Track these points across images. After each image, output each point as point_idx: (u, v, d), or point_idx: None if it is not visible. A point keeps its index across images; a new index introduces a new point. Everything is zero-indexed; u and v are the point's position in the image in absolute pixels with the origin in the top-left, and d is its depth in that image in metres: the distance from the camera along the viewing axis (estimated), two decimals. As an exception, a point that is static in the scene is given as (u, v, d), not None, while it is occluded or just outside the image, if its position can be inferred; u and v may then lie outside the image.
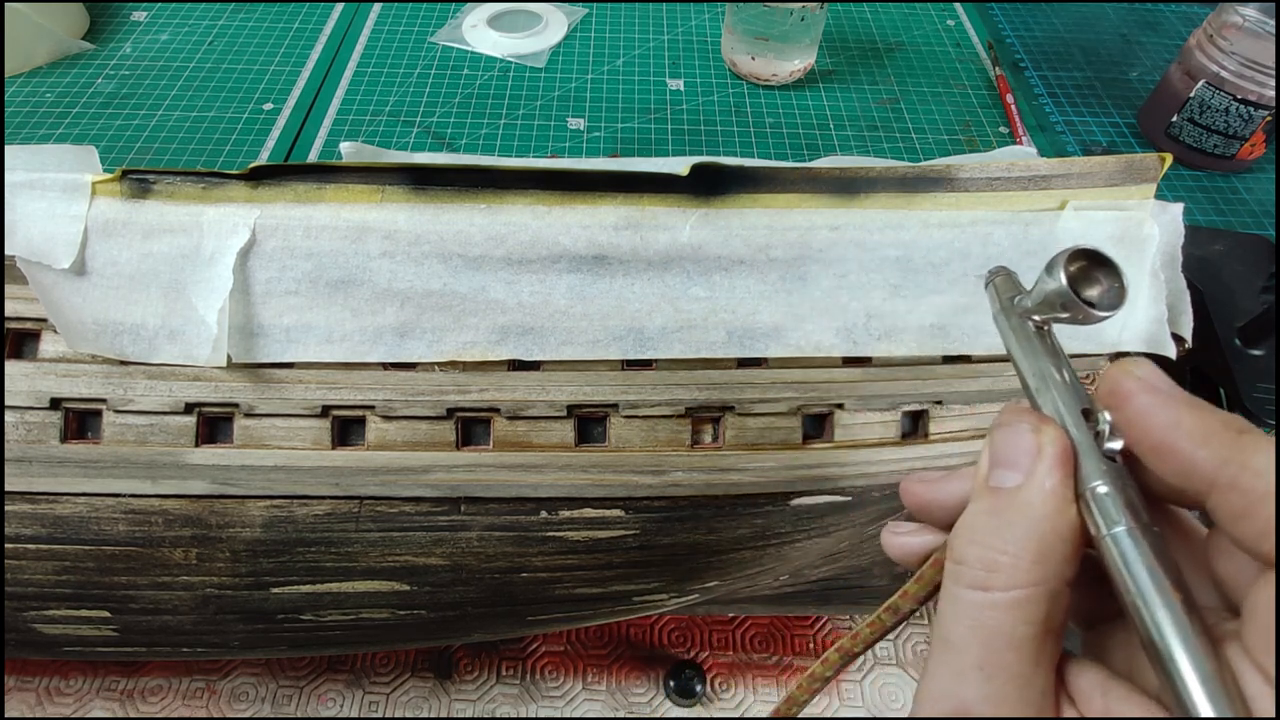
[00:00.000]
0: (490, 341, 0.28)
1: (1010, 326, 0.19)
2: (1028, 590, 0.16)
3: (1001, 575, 0.16)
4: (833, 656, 0.22)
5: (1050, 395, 0.17)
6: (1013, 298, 0.20)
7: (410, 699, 0.38)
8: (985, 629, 0.16)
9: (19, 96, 0.62)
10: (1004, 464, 0.17)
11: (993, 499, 0.17)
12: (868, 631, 0.21)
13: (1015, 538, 0.16)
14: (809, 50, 0.65)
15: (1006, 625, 0.16)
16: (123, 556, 0.29)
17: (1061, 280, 0.17)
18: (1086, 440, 0.16)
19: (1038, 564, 0.16)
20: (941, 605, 0.17)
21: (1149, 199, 0.29)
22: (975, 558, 0.16)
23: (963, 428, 0.31)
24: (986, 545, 0.16)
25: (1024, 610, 0.16)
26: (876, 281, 0.29)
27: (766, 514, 0.31)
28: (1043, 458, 0.16)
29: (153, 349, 0.27)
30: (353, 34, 0.71)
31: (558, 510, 0.30)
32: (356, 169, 0.27)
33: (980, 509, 0.17)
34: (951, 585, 0.17)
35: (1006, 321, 0.19)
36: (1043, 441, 0.16)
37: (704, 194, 0.28)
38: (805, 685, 0.23)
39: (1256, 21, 0.54)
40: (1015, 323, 0.19)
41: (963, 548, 0.17)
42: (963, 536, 0.17)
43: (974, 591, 0.16)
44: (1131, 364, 0.16)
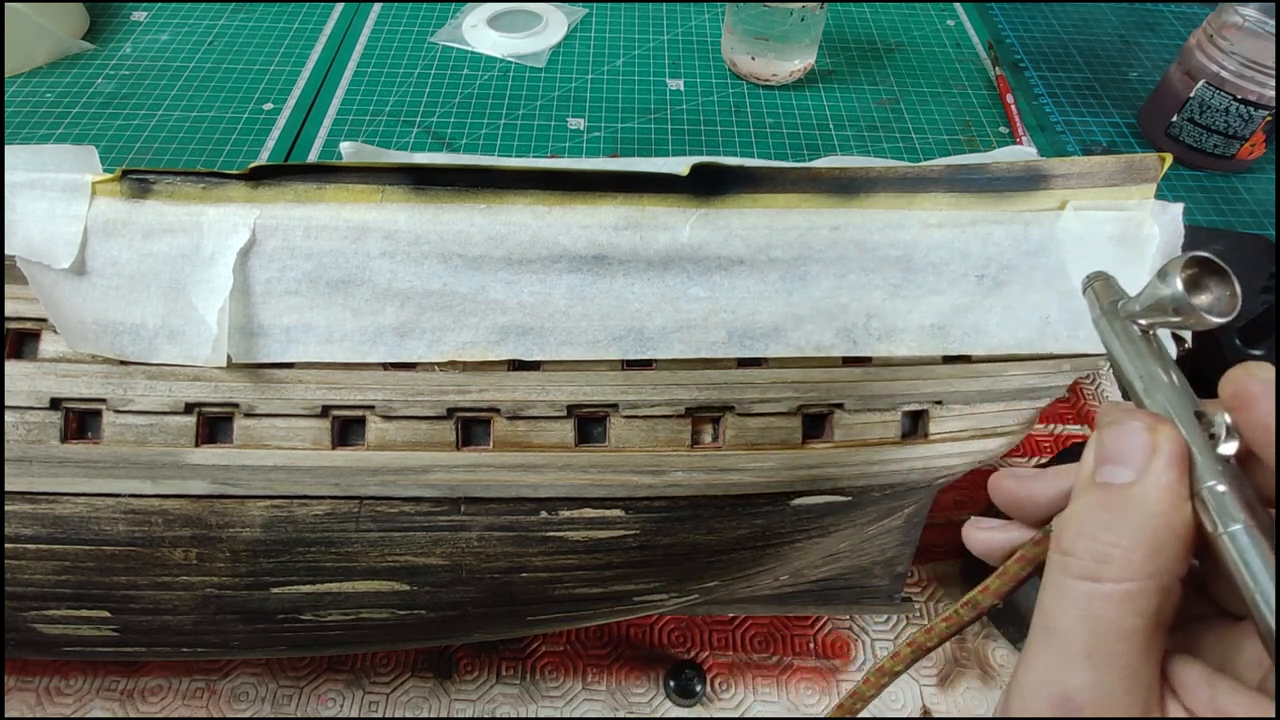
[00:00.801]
0: (490, 341, 0.28)
1: (1113, 330, 0.20)
2: (1140, 583, 0.16)
3: (1114, 567, 0.16)
4: (904, 651, 0.22)
5: (1160, 397, 0.18)
6: (1115, 301, 0.20)
7: (410, 699, 0.38)
8: (1095, 619, 0.16)
9: (19, 96, 0.62)
10: (1115, 460, 0.17)
11: (1103, 494, 0.17)
12: (943, 626, 0.21)
13: (1128, 532, 0.16)
14: (809, 50, 0.65)
15: (1117, 616, 0.16)
16: (123, 556, 0.29)
17: (1177, 287, 0.17)
18: (1201, 441, 0.17)
19: (1151, 558, 0.16)
20: (1045, 596, 0.17)
21: (1149, 199, 0.29)
22: (1085, 550, 0.17)
23: (963, 428, 0.31)
24: (1097, 538, 0.16)
25: (1136, 602, 0.16)
26: (876, 281, 0.29)
27: (766, 514, 0.31)
28: (1158, 455, 0.16)
29: (153, 349, 0.27)
30: (353, 34, 0.71)
31: (558, 510, 0.30)
32: (356, 169, 0.27)
33: (1090, 503, 0.17)
34: (1058, 576, 0.17)
35: (1109, 325, 0.20)
36: (1158, 440, 0.17)
37: (704, 194, 0.28)
38: (874, 680, 0.23)
39: (1256, 21, 0.54)
40: (1119, 326, 0.19)
41: (1072, 540, 0.17)
42: (1071, 529, 0.17)
43: (1084, 582, 0.16)
44: (1255, 368, 0.16)
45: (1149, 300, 0.18)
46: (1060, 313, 0.30)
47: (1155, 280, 0.18)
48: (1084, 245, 0.29)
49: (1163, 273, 0.18)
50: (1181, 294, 0.17)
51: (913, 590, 0.42)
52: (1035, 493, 0.20)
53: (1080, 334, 0.30)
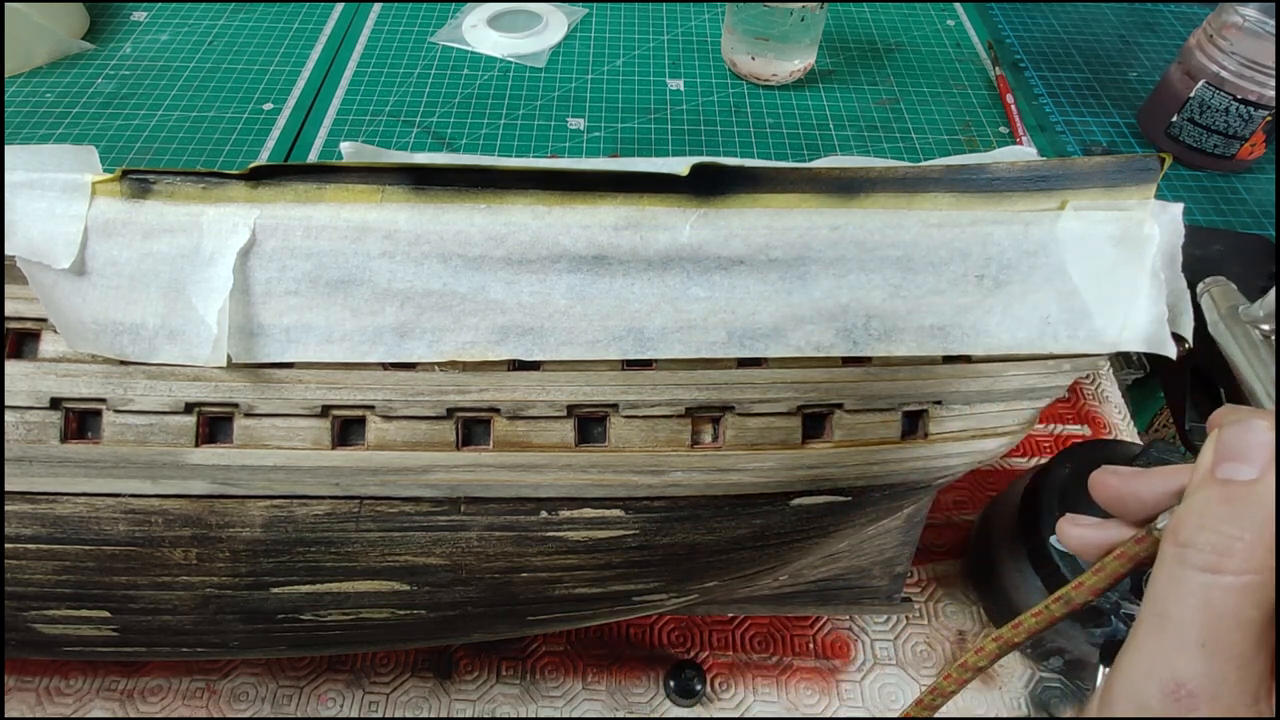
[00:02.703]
0: (490, 341, 0.28)
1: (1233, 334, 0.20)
2: (1260, 576, 0.16)
3: (1235, 559, 0.16)
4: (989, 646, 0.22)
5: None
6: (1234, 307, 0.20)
7: (410, 699, 0.38)
8: (1213, 608, 0.16)
9: (19, 96, 0.62)
10: (1236, 458, 0.17)
11: (1224, 489, 0.17)
12: (1032, 621, 0.22)
13: (1251, 526, 0.17)
14: (809, 50, 0.65)
15: (1235, 607, 0.16)
16: (123, 556, 0.29)
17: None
18: None
19: (1272, 553, 0.16)
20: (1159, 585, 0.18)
21: (1149, 199, 0.29)
22: (1207, 542, 0.17)
23: (963, 428, 0.31)
24: (1220, 531, 0.17)
25: (1254, 594, 0.16)
26: (876, 282, 0.29)
27: (766, 514, 0.31)
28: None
29: (153, 349, 0.27)
30: (353, 34, 0.71)
31: (558, 510, 0.30)
32: (356, 169, 0.27)
33: (1210, 497, 0.18)
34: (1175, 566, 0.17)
35: (1229, 330, 0.20)
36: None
37: (704, 194, 0.28)
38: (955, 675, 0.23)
39: (1256, 21, 0.54)
40: (1240, 331, 0.20)
41: (1191, 532, 0.17)
42: (1191, 522, 0.18)
43: (1203, 574, 0.17)
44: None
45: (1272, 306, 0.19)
46: (1060, 313, 0.30)
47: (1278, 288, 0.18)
48: (1084, 245, 0.29)
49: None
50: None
51: (912, 590, 0.42)
52: (1140, 490, 0.20)
53: (1080, 334, 0.30)
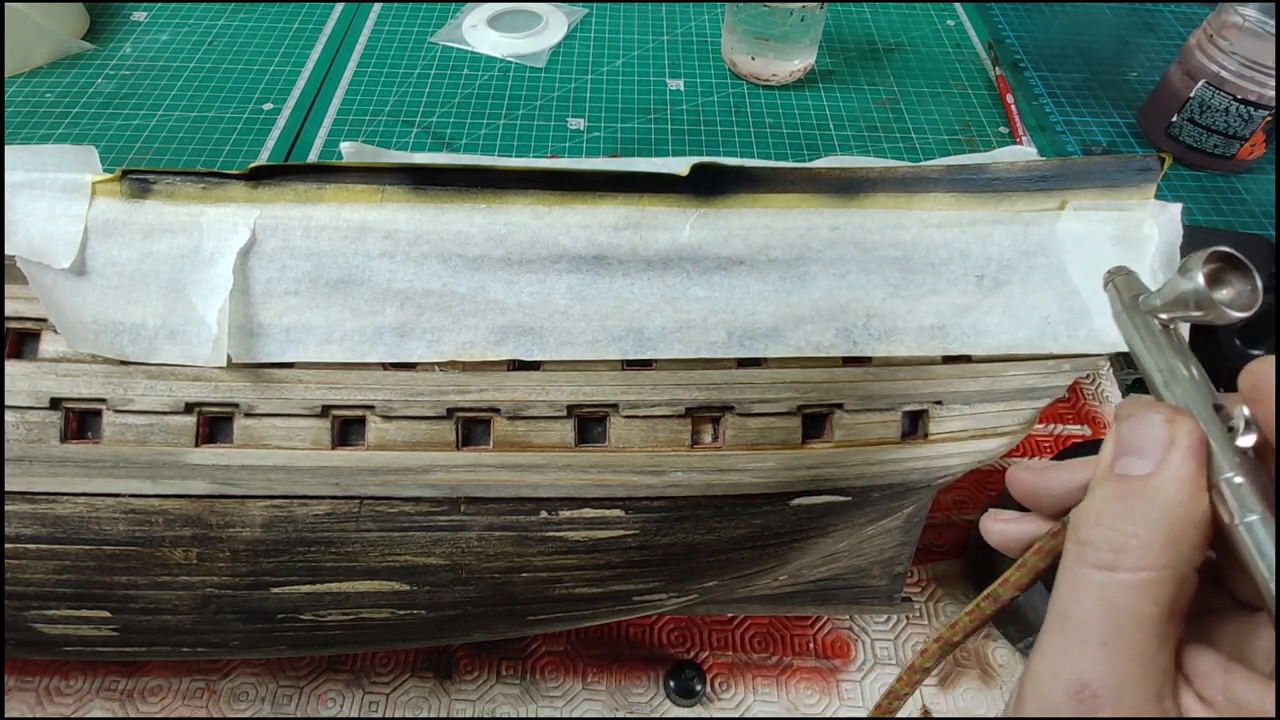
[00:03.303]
0: (490, 341, 0.28)
1: (1134, 324, 0.20)
2: (1157, 572, 0.16)
3: (1131, 557, 0.16)
4: (932, 648, 0.23)
5: (1179, 390, 0.18)
6: (1136, 296, 0.20)
7: (410, 699, 0.38)
8: (1111, 607, 0.16)
9: (19, 96, 0.62)
10: (1133, 452, 0.17)
11: (1121, 485, 0.17)
12: (967, 620, 0.22)
13: (1146, 522, 0.16)
14: (809, 50, 0.65)
15: (1134, 604, 0.16)
16: (123, 556, 0.29)
17: (1199, 281, 0.17)
18: (1219, 433, 0.17)
19: (1168, 547, 0.16)
20: (1061, 585, 0.17)
21: (1149, 199, 0.29)
22: (1103, 539, 0.17)
23: (963, 428, 0.31)
24: (1115, 528, 0.17)
25: (1152, 591, 0.16)
26: (876, 281, 0.29)
27: (766, 514, 0.31)
28: (1177, 447, 0.17)
29: (153, 349, 0.27)
30: (353, 34, 0.71)
31: (558, 510, 0.30)
32: (356, 169, 0.27)
33: (1107, 494, 0.17)
34: (1075, 565, 0.17)
35: (1130, 320, 0.20)
36: (1177, 432, 0.17)
37: (704, 194, 0.28)
38: (906, 678, 0.23)
39: (1256, 21, 0.54)
40: (1140, 321, 0.20)
41: (1089, 530, 0.17)
42: (1088, 519, 0.17)
43: (1101, 571, 0.17)
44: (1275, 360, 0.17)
45: (1170, 294, 0.19)
46: (1060, 313, 0.30)
47: (1177, 275, 0.18)
48: (1084, 245, 0.29)
49: (1184, 267, 0.18)
50: (1204, 288, 0.17)
51: (912, 590, 0.42)
52: (1052, 485, 0.20)
53: (1080, 334, 0.30)
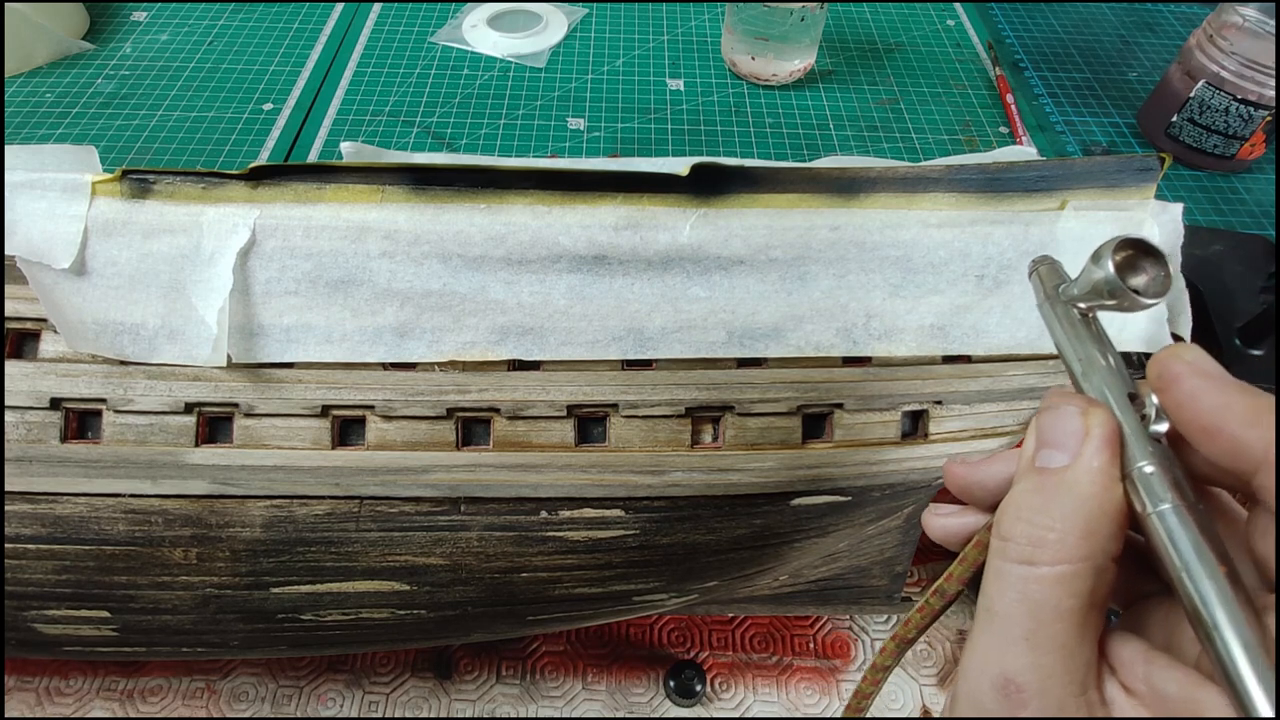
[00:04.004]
0: (490, 341, 0.28)
1: (1055, 314, 0.20)
2: (1075, 565, 0.16)
3: (1048, 550, 0.16)
4: (889, 645, 0.23)
5: (1096, 379, 0.18)
6: (1058, 286, 0.20)
7: (410, 699, 0.38)
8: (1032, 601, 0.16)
9: (19, 96, 0.62)
10: (1051, 445, 0.17)
11: (1039, 478, 0.17)
12: (918, 617, 0.22)
13: (1062, 515, 0.16)
14: (809, 50, 0.65)
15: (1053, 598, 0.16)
16: (123, 556, 0.29)
17: (1109, 269, 0.17)
18: (1133, 423, 0.17)
19: (1084, 540, 0.16)
20: (986, 580, 0.18)
21: (1149, 199, 0.29)
22: (1022, 534, 0.17)
23: (962, 428, 0.31)
24: (1033, 522, 0.17)
25: (1070, 584, 0.16)
26: (876, 281, 0.29)
27: (766, 514, 0.31)
28: (1090, 439, 0.17)
29: (153, 349, 0.27)
30: (353, 34, 0.71)
31: (558, 510, 0.30)
32: (356, 169, 0.27)
33: (1027, 488, 0.17)
34: (998, 560, 0.17)
35: (1051, 309, 0.20)
36: (1090, 424, 0.17)
37: (704, 194, 0.28)
38: (870, 677, 0.24)
39: (1256, 21, 0.54)
40: (1061, 310, 0.20)
41: (1010, 524, 0.17)
42: (1009, 514, 0.17)
43: (1021, 566, 0.17)
44: (1181, 349, 0.17)
45: (1085, 284, 0.19)
46: (1060, 313, 0.29)
47: (1090, 263, 0.18)
48: (1084, 245, 0.29)
49: (1096, 255, 0.18)
50: (1114, 276, 0.17)
51: (912, 590, 0.42)
52: (984, 478, 0.20)
53: (1080, 334, 0.30)
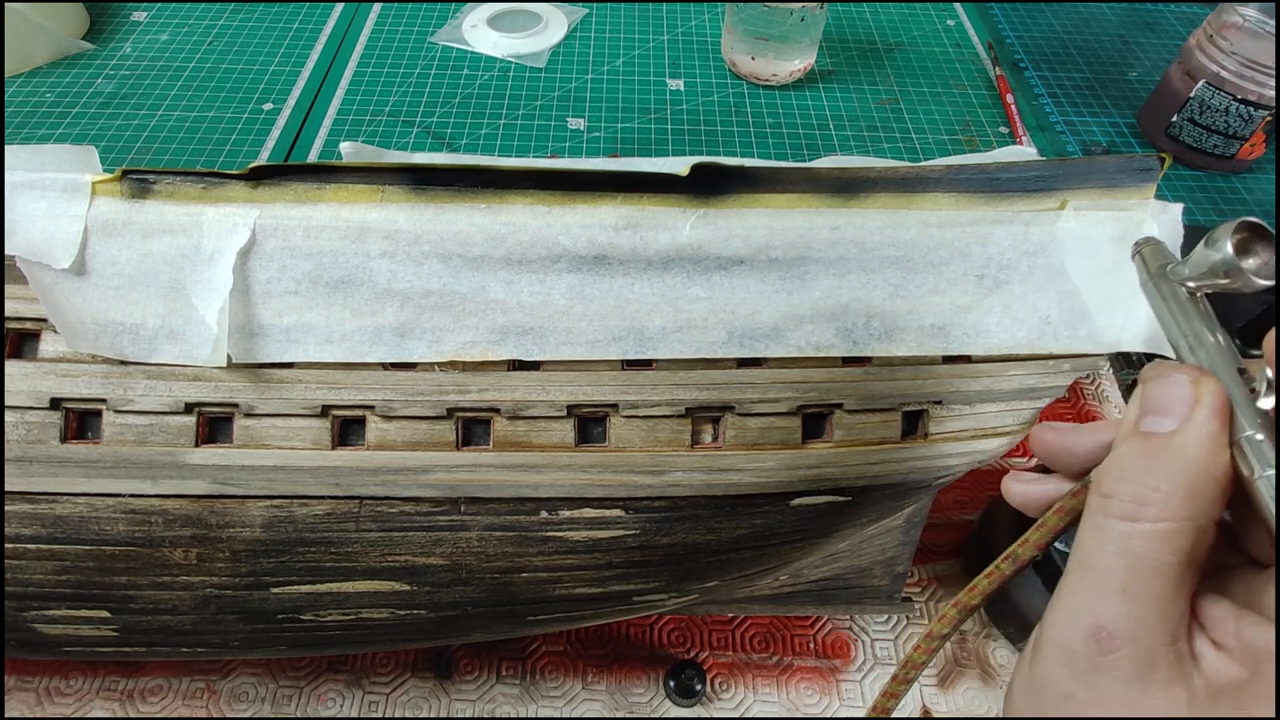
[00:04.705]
0: (490, 341, 0.28)
1: (1162, 292, 0.21)
2: (1177, 523, 0.17)
3: (1153, 508, 0.17)
4: (950, 613, 0.23)
5: (1205, 354, 0.19)
6: (1164, 266, 0.21)
7: (410, 699, 0.38)
8: (1132, 555, 0.17)
9: (19, 96, 0.62)
10: (1158, 411, 0.18)
11: (1145, 442, 0.18)
12: (985, 583, 0.22)
13: (1168, 476, 0.17)
14: (809, 50, 0.65)
15: (1153, 553, 0.17)
16: (123, 556, 0.29)
17: (1228, 250, 0.18)
18: (1242, 394, 0.18)
19: (1188, 500, 0.17)
20: (1084, 535, 0.18)
21: (1149, 199, 0.29)
22: (1126, 492, 0.18)
23: (963, 428, 0.31)
24: (1138, 482, 0.17)
25: (1172, 541, 0.17)
26: (876, 282, 0.29)
27: (766, 514, 0.31)
28: (1201, 406, 0.17)
29: (153, 349, 0.27)
30: (353, 34, 0.71)
31: (558, 510, 0.30)
32: (356, 169, 0.27)
33: (1132, 450, 0.18)
34: (1098, 517, 0.18)
35: (1157, 288, 0.21)
36: (1201, 392, 0.18)
37: (704, 194, 0.28)
38: (924, 646, 0.24)
39: (1256, 21, 0.54)
40: (1168, 289, 0.21)
41: (1113, 483, 0.18)
42: (1113, 474, 0.18)
43: (1123, 523, 0.17)
44: None
45: (1199, 264, 0.19)
46: (1060, 313, 0.30)
47: (1204, 246, 0.19)
48: (1084, 245, 0.29)
49: (1211, 239, 0.19)
50: (1232, 257, 0.18)
51: (912, 590, 0.42)
52: (1074, 445, 0.21)
53: (1080, 334, 0.30)
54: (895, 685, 0.25)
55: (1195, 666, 0.17)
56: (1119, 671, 0.17)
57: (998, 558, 0.22)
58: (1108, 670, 0.17)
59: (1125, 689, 0.17)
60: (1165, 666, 0.17)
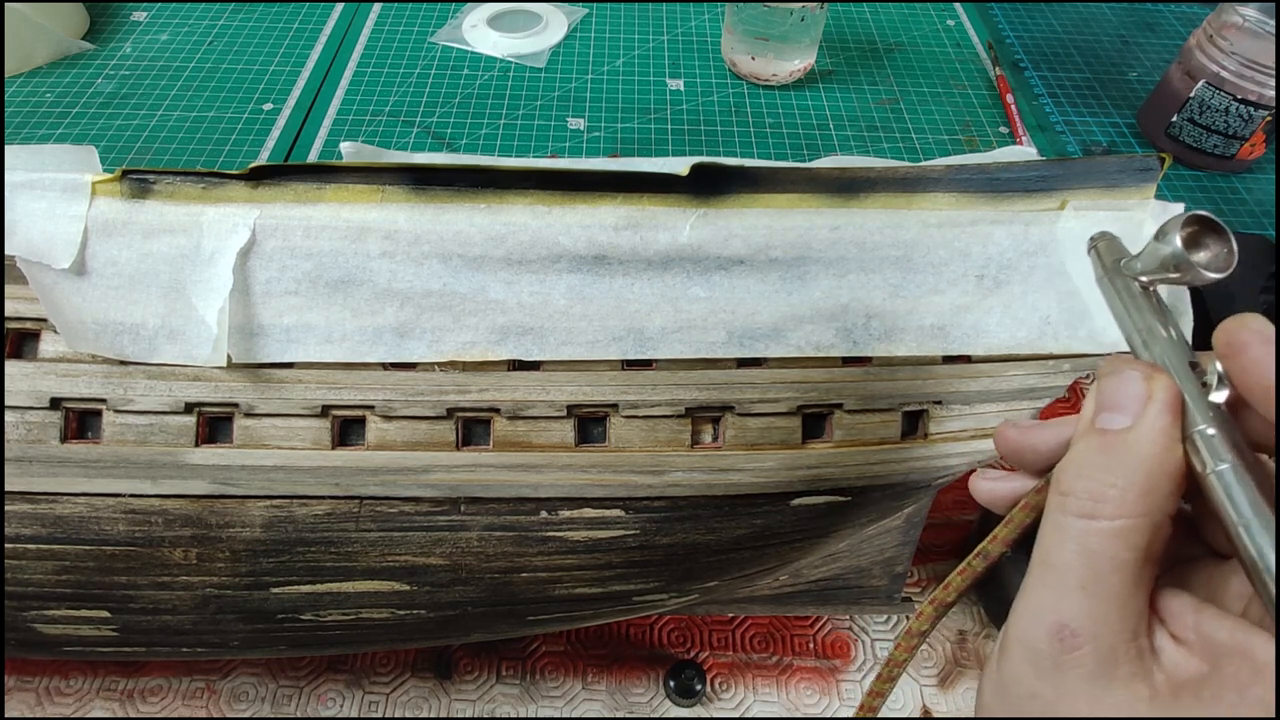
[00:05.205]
0: (490, 341, 0.28)
1: (1115, 287, 0.21)
2: (1134, 520, 0.17)
3: (1109, 505, 0.17)
4: (927, 610, 0.23)
5: (1158, 349, 0.19)
6: (1118, 260, 0.21)
7: (410, 699, 0.38)
8: (1090, 553, 0.17)
9: (19, 96, 0.62)
10: (1112, 408, 0.18)
11: (1101, 439, 0.18)
12: (959, 580, 0.22)
13: (1124, 472, 0.17)
14: (809, 50, 0.65)
15: (1111, 550, 0.17)
16: (123, 556, 0.29)
17: (1177, 244, 0.18)
18: (1194, 389, 0.18)
19: (1144, 496, 0.17)
20: (1044, 533, 0.18)
21: (1149, 199, 0.29)
22: (1083, 489, 0.18)
23: (963, 428, 0.31)
24: (1095, 479, 0.18)
25: (1129, 537, 0.17)
26: (876, 282, 0.29)
27: (766, 514, 0.31)
28: (1153, 402, 0.18)
29: (153, 349, 0.27)
30: (353, 34, 0.71)
31: (558, 510, 0.30)
32: (356, 169, 0.27)
33: (1088, 447, 0.18)
34: (1057, 514, 0.18)
35: (1112, 282, 0.21)
36: (1154, 388, 0.18)
37: (704, 194, 0.28)
38: (904, 644, 0.24)
39: (1256, 21, 0.54)
40: (1121, 283, 0.21)
41: (1070, 481, 0.18)
42: (1070, 471, 0.18)
43: (1081, 520, 0.18)
44: (1247, 318, 0.17)
45: (1150, 258, 0.19)
46: (1060, 313, 0.29)
47: (1154, 240, 0.19)
48: (1083, 245, 0.29)
49: (1162, 231, 0.19)
50: (1181, 250, 0.18)
51: (912, 590, 0.42)
52: (1037, 442, 0.21)
53: (1080, 334, 0.30)
54: (880, 684, 0.25)
55: (1156, 662, 0.17)
56: (1082, 669, 0.17)
57: (968, 555, 0.22)
58: (1071, 668, 0.17)
59: (1088, 687, 0.17)
60: (1127, 663, 0.17)
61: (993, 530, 0.22)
